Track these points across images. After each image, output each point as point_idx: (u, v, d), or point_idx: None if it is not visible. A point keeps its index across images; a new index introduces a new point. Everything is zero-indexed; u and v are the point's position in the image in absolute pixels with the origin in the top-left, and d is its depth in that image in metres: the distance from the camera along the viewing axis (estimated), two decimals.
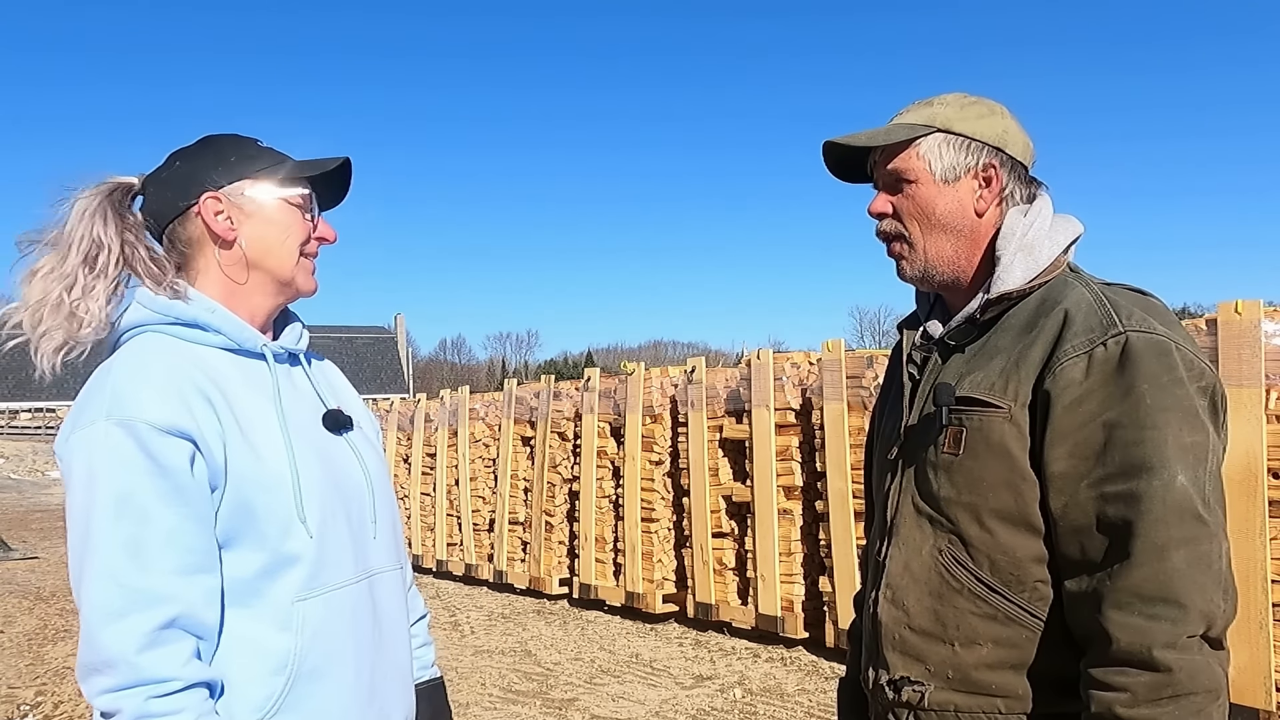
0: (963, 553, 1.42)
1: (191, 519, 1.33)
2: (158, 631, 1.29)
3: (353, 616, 1.46)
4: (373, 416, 1.72)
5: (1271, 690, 4.47)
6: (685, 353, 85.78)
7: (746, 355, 7.32)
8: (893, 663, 1.49)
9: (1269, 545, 4.47)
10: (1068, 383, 1.34)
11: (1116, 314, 1.36)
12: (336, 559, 1.45)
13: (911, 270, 1.52)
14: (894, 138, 1.49)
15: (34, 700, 5.90)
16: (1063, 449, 1.34)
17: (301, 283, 1.54)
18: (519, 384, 9.74)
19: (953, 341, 1.50)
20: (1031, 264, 1.45)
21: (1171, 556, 1.26)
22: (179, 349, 1.44)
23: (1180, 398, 1.31)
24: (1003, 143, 1.49)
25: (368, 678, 1.48)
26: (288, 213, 1.51)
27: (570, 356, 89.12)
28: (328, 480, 1.47)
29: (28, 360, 1.52)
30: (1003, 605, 1.39)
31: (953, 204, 1.49)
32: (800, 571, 6.66)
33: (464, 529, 9.93)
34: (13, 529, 14.01)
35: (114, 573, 1.29)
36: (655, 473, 7.72)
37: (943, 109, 1.50)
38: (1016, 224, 1.47)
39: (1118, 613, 1.27)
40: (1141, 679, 1.25)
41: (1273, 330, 4.53)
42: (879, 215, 1.54)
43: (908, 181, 1.50)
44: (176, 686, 1.28)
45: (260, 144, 1.54)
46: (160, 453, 1.32)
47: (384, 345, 57.37)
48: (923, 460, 1.47)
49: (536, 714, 5.55)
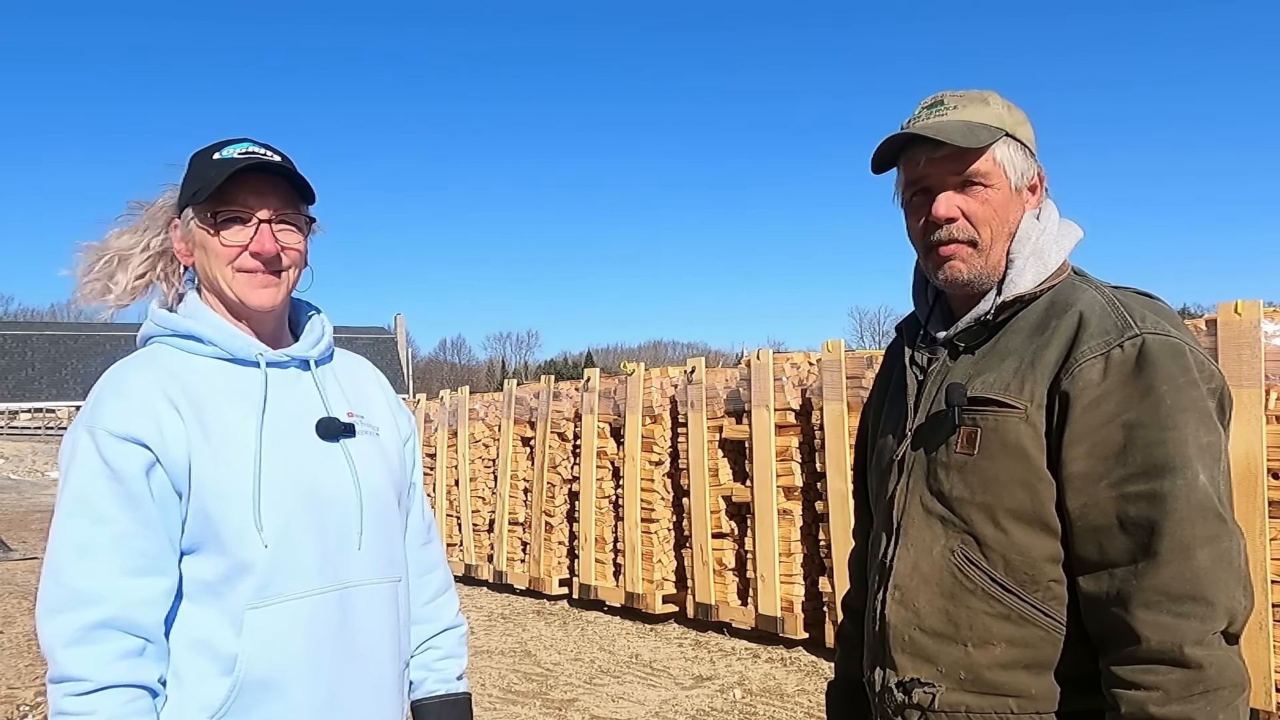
0: (976, 552, 1.41)
1: (142, 523, 1.38)
2: (86, 630, 1.33)
3: (310, 628, 1.45)
4: (406, 417, 1.72)
5: (1271, 690, 4.47)
6: (685, 353, 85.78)
7: (746, 355, 7.32)
8: (902, 664, 1.47)
9: (1269, 545, 4.47)
10: (1086, 384, 1.34)
11: (1131, 316, 1.37)
12: (296, 569, 1.44)
13: (968, 273, 1.45)
14: (981, 140, 1.42)
15: (34, 700, 5.89)
16: (1081, 449, 1.34)
17: (252, 299, 1.51)
18: (519, 384, 9.74)
19: (961, 343, 1.49)
20: (1041, 268, 1.45)
21: (1197, 555, 1.27)
22: (168, 360, 1.49)
23: (1196, 399, 1.32)
24: (1035, 149, 1.50)
25: (325, 691, 1.46)
26: (205, 237, 1.51)
27: (570, 357, 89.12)
28: (301, 489, 1.47)
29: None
30: (1017, 605, 1.39)
31: (1020, 212, 1.47)
32: (800, 572, 6.66)
33: (464, 529, 9.92)
34: (12, 529, 14.00)
35: (58, 570, 1.36)
36: (655, 473, 7.71)
37: (1001, 111, 1.46)
38: (1032, 229, 1.47)
39: (1146, 611, 1.27)
40: (1173, 676, 1.25)
41: (1273, 330, 4.53)
42: (949, 219, 1.44)
43: (985, 186, 1.44)
44: (89, 687, 1.32)
45: (214, 157, 1.50)
46: (114, 459, 1.38)
47: (384, 345, 57.27)
48: (933, 460, 1.46)
49: (536, 714, 5.54)
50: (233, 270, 1.49)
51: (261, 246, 1.49)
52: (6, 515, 16.57)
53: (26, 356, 48.09)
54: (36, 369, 47.92)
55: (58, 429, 41.24)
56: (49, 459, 29.48)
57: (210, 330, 1.50)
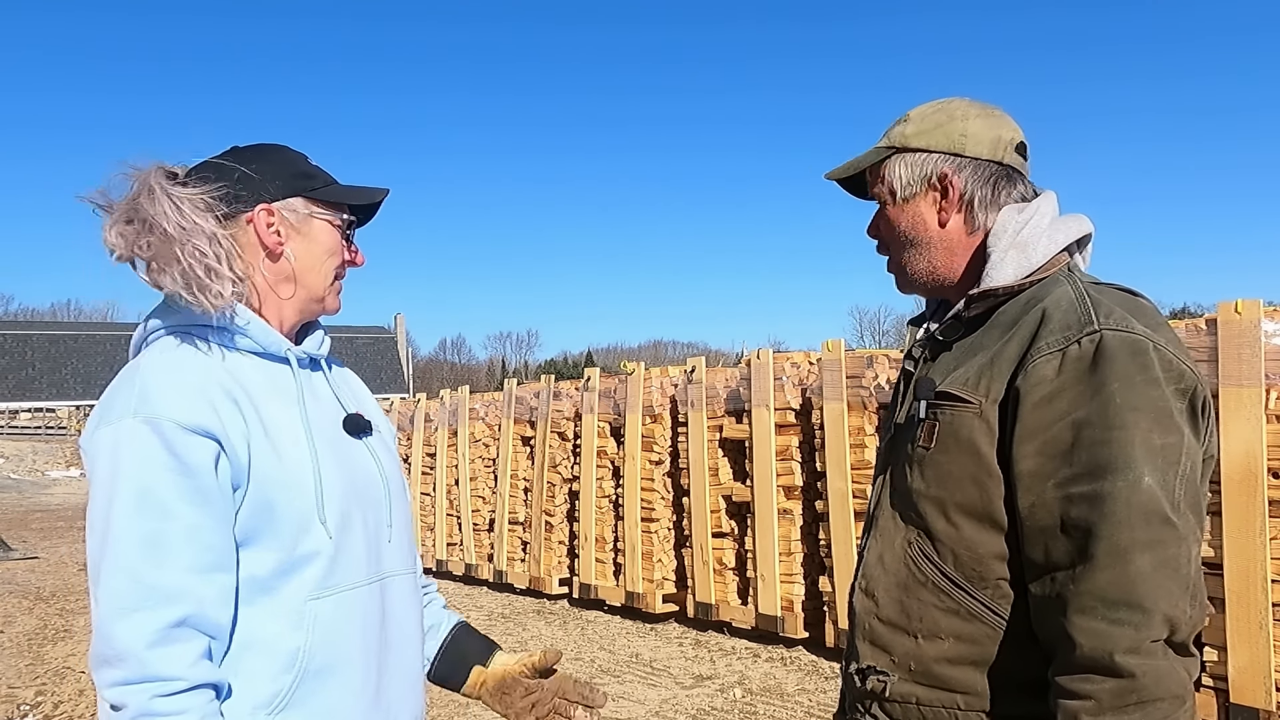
0: (929, 546, 1.42)
1: (211, 517, 1.36)
2: (169, 629, 1.30)
3: (363, 618, 1.48)
4: (389, 421, 1.74)
5: (1271, 690, 4.47)
6: (685, 353, 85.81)
7: (746, 355, 7.32)
8: (863, 652, 1.50)
9: (1269, 545, 4.47)
10: (1038, 380, 1.32)
11: (1095, 311, 1.33)
12: (351, 560, 1.48)
13: (903, 286, 1.58)
14: (861, 166, 1.55)
15: (34, 700, 5.89)
16: (1031, 447, 1.32)
17: (330, 303, 1.60)
18: (519, 384, 9.74)
19: (942, 338, 1.50)
20: (1024, 262, 1.43)
21: (1135, 559, 1.23)
22: (207, 351, 1.47)
23: (1154, 398, 1.28)
24: (960, 148, 1.48)
25: (375, 678, 1.49)
26: (331, 235, 1.56)
27: (570, 356, 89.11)
28: (347, 483, 1.50)
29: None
30: (964, 600, 1.38)
31: (914, 220, 1.52)
32: (800, 571, 6.66)
33: (464, 529, 9.92)
34: (13, 529, 14.01)
35: (130, 567, 1.31)
36: (655, 472, 7.71)
37: (904, 126, 1.54)
38: (1009, 221, 1.46)
39: (1080, 617, 1.25)
40: (1106, 685, 1.22)
41: (1273, 330, 4.53)
42: (872, 238, 1.60)
43: (880, 205, 1.55)
44: (182, 686, 1.30)
45: (310, 161, 1.59)
46: (184, 451, 1.35)
47: (384, 345, 57.35)
48: (903, 455, 1.48)
49: None
50: (333, 274, 1.57)
51: (359, 259, 1.62)
52: (6, 515, 16.57)
53: (26, 356, 48.09)
54: (36, 369, 47.91)
55: (58, 429, 41.23)
56: (49, 459, 29.49)
57: (250, 326, 1.51)
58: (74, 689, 6.07)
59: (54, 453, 31.08)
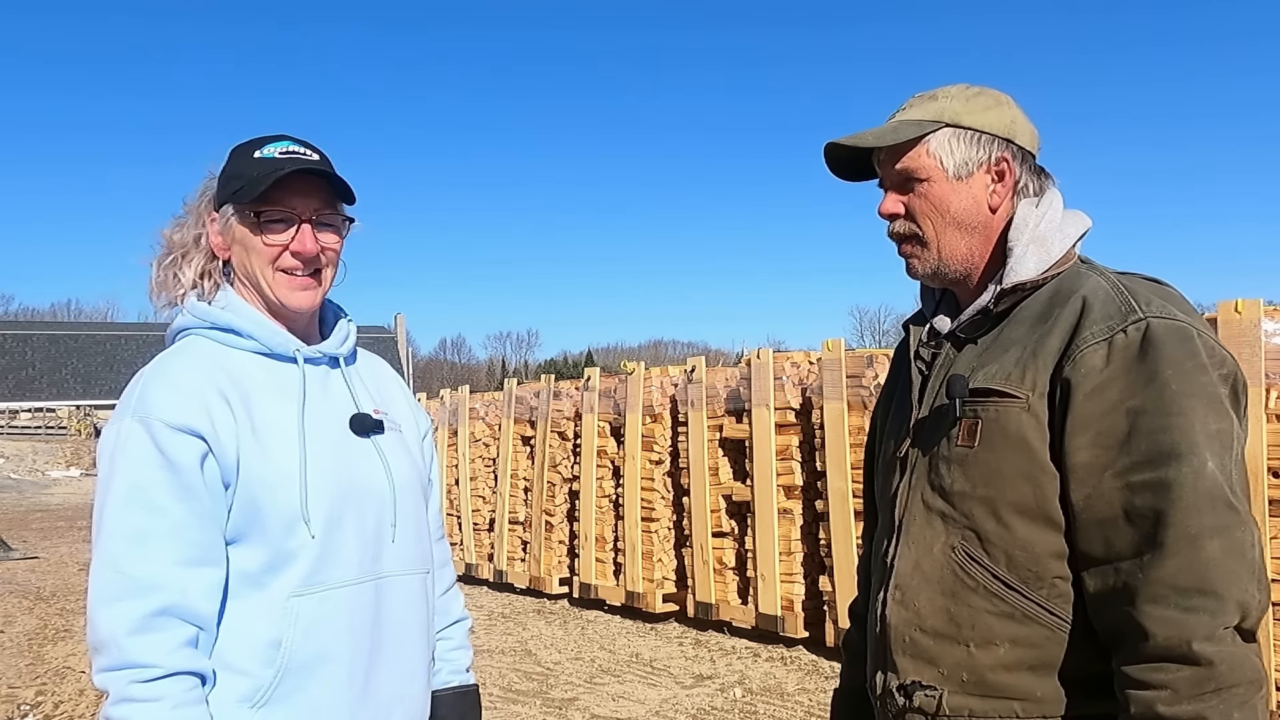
0: (978, 549, 1.37)
1: (197, 514, 1.40)
2: (148, 618, 1.34)
3: (350, 616, 1.49)
4: (423, 416, 1.75)
5: (1271, 690, 4.47)
6: (685, 352, 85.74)
7: (746, 355, 7.32)
8: (903, 667, 1.43)
9: (1269, 545, 4.48)
10: (1088, 370, 1.30)
11: (1135, 300, 1.33)
12: (340, 559, 1.48)
13: (923, 269, 1.49)
14: (902, 136, 1.44)
15: (34, 700, 5.89)
16: (1084, 438, 1.30)
17: (284, 299, 1.53)
18: (519, 384, 9.75)
19: (964, 334, 1.47)
20: (1044, 256, 1.42)
21: (1206, 546, 1.21)
22: (212, 352, 1.51)
23: (1205, 384, 1.27)
24: (1011, 134, 1.46)
25: (362, 677, 1.50)
26: (247, 235, 1.52)
27: (570, 356, 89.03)
28: (343, 482, 1.50)
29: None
30: (1020, 603, 1.34)
31: (967, 201, 1.45)
32: (800, 571, 6.66)
33: (464, 528, 9.93)
34: (13, 529, 14.00)
35: (115, 559, 1.36)
36: (655, 472, 7.71)
37: (949, 103, 1.46)
38: (1029, 216, 1.44)
39: (1153, 606, 1.22)
40: (1183, 674, 1.20)
41: (1273, 330, 4.53)
42: (890, 216, 1.49)
43: (919, 180, 1.45)
44: (158, 673, 1.33)
45: (255, 154, 1.52)
46: (172, 450, 1.39)
47: (384, 345, 57.25)
48: (935, 455, 1.43)
49: (537, 714, 5.54)
50: (273, 270, 1.52)
51: (303, 247, 1.51)
52: (6, 515, 16.57)
53: (26, 356, 48.05)
54: (36, 369, 47.87)
55: (58, 429, 41.18)
56: (49, 458, 29.48)
57: (249, 324, 1.52)
58: (74, 689, 6.07)
59: (54, 453, 31.07)
